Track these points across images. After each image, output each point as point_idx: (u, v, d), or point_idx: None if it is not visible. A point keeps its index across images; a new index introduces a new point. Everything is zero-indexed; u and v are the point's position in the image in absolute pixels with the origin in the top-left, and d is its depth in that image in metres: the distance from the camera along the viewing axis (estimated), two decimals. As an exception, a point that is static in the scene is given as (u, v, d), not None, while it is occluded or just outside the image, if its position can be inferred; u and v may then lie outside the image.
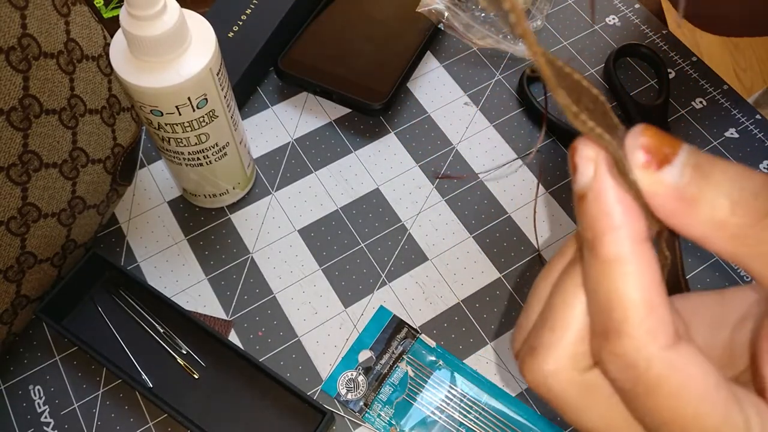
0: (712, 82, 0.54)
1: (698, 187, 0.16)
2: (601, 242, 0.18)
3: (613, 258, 0.17)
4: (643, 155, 0.17)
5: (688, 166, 0.17)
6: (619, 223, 0.17)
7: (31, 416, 0.41)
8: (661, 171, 0.17)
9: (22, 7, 0.33)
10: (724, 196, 0.16)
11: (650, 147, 0.17)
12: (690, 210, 0.17)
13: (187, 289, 0.45)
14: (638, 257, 0.17)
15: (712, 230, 0.17)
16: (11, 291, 0.38)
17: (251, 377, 0.41)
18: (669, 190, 0.17)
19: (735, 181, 0.16)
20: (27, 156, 0.35)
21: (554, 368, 0.19)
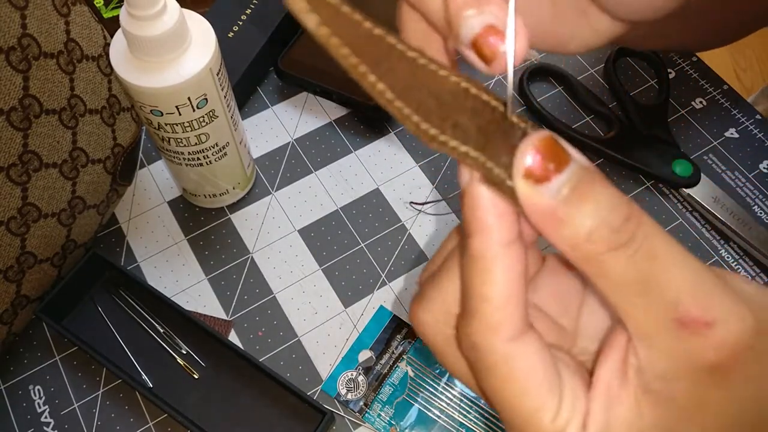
0: (712, 82, 0.54)
1: (567, 210, 0.18)
2: (471, 240, 0.20)
3: (478, 256, 0.19)
4: (525, 166, 0.18)
5: (566, 185, 0.18)
6: (487, 227, 0.19)
7: (31, 416, 0.41)
8: (539, 186, 0.18)
9: (22, 7, 0.33)
10: (588, 221, 0.18)
11: (536, 159, 0.18)
12: (555, 227, 0.18)
13: (187, 289, 0.45)
14: (500, 260, 0.19)
15: (570, 249, 0.18)
16: (11, 291, 0.38)
17: (251, 377, 0.41)
18: (541, 206, 0.18)
19: (602, 210, 0.18)
20: (27, 156, 0.35)
21: (428, 319, 0.22)
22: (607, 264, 0.18)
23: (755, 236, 0.46)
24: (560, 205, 0.18)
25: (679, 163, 0.48)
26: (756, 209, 0.48)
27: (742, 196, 0.48)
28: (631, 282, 0.18)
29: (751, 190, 0.49)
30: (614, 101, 0.53)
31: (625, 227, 0.18)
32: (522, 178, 0.18)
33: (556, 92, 0.53)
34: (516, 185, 0.18)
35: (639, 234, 0.18)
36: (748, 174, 0.49)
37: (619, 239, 0.18)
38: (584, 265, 0.18)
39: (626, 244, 0.18)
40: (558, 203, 0.18)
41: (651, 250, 0.18)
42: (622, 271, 0.18)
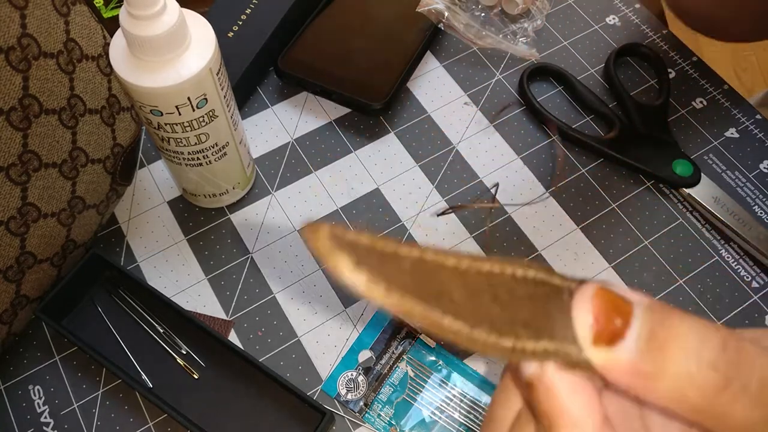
0: (712, 82, 0.54)
1: (654, 362, 0.16)
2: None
3: None
4: (591, 332, 0.16)
5: (642, 338, 0.16)
6: (575, 420, 0.17)
7: (30, 416, 0.41)
8: (614, 348, 0.16)
9: (22, 6, 0.33)
10: (682, 366, 0.16)
11: (599, 320, 0.16)
12: (648, 384, 0.16)
13: (187, 289, 0.45)
14: None
15: (674, 404, 0.16)
16: (11, 291, 0.38)
17: (251, 377, 0.41)
18: (624, 367, 0.16)
19: (691, 349, 0.16)
20: (27, 156, 0.35)
21: None
22: (723, 408, 0.15)
23: (755, 236, 0.46)
24: (643, 362, 0.16)
25: (679, 163, 0.48)
26: (756, 209, 0.48)
27: (743, 196, 0.48)
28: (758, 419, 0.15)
29: (751, 190, 0.49)
30: (614, 101, 0.53)
31: (725, 359, 0.15)
32: (593, 347, 0.16)
33: (556, 92, 0.53)
34: (589, 356, 0.16)
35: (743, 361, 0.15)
36: (749, 174, 0.49)
37: (725, 376, 0.15)
38: (696, 416, 0.16)
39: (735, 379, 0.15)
40: (641, 357, 0.16)
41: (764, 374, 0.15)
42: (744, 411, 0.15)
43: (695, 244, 0.47)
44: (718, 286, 0.45)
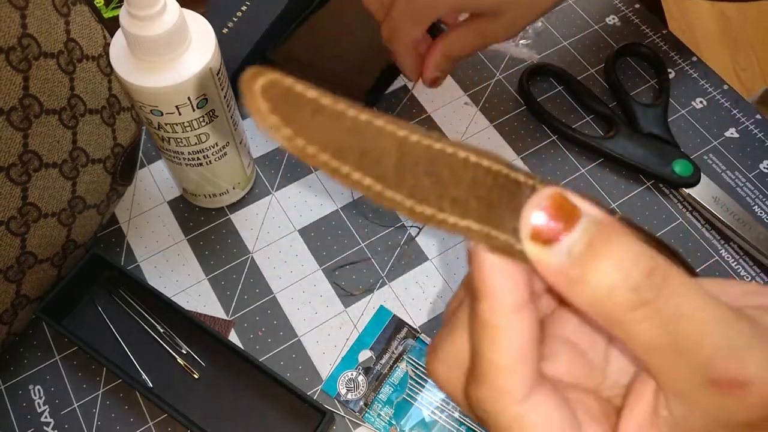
0: (712, 82, 0.54)
1: (581, 269, 0.17)
2: (478, 305, 0.19)
3: (485, 322, 0.19)
4: (531, 228, 0.17)
5: (579, 243, 0.17)
6: (494, 293, 0.18)
7: (31, 416, 0.41)
8: (548, 247, 0.17)
9: (22, 6, 0.33)
10: (606, 279, 0.17)
11: (542, 218, 0.17)
12: (571, 287, 0.17)
13: (187, 288, 0.45)
14: (508, 327, 0.18)
15: (590, 309, 0.17)
16: (11, 291, 0.38)
17: (251, 377, 0.41)
18: (553, 267, 0.17)
19: (621, 266, 0.17)
20: (27, 156, 0.35)
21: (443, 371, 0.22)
22: (631, 325, 0.17)
23: (755, 236, 0.46)
24: (573, 265, 0.17)
25: (679, 162, 0.48)
26: (756, 209, 0.48)
27: (743, 196, 0.48)
28: (659, 344, 0.17)
29: (751, 190, 0.49)
30: (614, 101, 0.53)
31: (648, 283, 0.17)
32: (530, 241, 0.17)
33: (556, 92, 0.53)
34: (525, 249, 0.17)
35: (664, 290, 0.17)
36: (749, 174, 0.49)
37: (641, 297, 0.17)
38: (606, 324, 0.17)
39: (650, 303, 0.17)
40: (570, 263, 0.17)
41: (678, 307, 0.17)
42: (648, 332, 0.17)
43: (695, 244, 0.47)
44: (718, 286, 0.45)
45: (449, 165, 0.17)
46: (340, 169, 0.15)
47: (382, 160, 0.16)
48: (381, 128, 0.16)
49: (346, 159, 0.15)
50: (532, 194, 0.18)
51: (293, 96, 0.15)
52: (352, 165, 0.15)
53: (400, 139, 0.16)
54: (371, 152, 0.16)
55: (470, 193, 0.17)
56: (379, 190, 0.16)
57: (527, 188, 0.18)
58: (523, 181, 0.18)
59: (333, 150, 0.15)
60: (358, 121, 0.16)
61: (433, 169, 0.17)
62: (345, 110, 0.15)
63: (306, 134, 0.15)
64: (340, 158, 0.15)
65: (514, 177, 0.18)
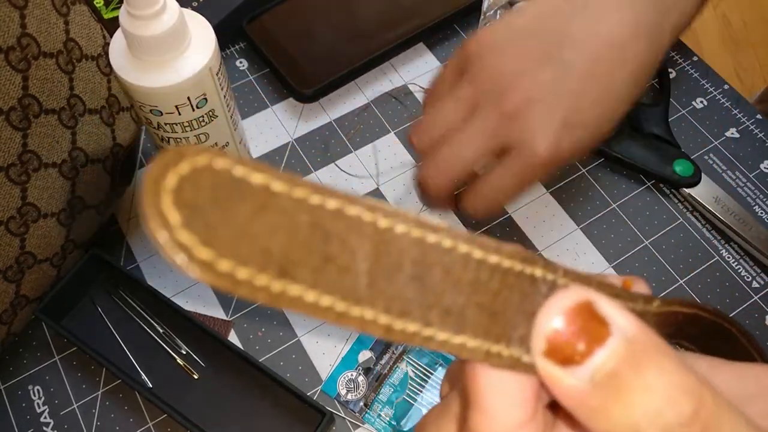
0: (712, 82, 0.54)
1: (604, 402, 0.14)
2: (471, 415, 0.16)
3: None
4: (546, 341, 0.14)
5: (601, 373, 0.14)
6: (491, 412, 0.15)
7: (30, 416, 0.41)
8: (565, 369, 0.14)
9: (22, 6, 0.33)
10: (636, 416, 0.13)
11: (563, 331, 0.14)
12: (589, 417, 0.14)
13: (187, 289, 0.45)
14: None
15: None
16: (10, 291, 0.38)
17: (251, 377, 0.41)
18: (568, 392, 0.14)
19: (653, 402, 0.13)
20: (26, 156, 0.35)
21: None
22: None
23: (756, 236, 0.46)
24: (595, 394, 0.14)
25: (679, 162, 0.48)
26: (757, 209, 0.48)
27: (743, 196, 0.48)
28: None
29: (751, 190, 0.49)
30: (615, 101, 0.53)
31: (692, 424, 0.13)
32: (544, 358, 0.14)
33: (556, 92, 0.53)
34: (536, 364, 0.14)
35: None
36: (749, 174, 0.49)
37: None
38: None
39: None
40: (593, 391, 0.14)
41: None
42: None
43: (696, 244, 0.47)
44: (719, 287, 0.45)
45: (444, 265, 0.13)
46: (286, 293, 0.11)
47: (350, 269, 0.12)
48: (356, 219, 0.12)
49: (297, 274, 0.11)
50: (550, 293, 0.14)
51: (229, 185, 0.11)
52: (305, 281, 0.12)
53: (381, 232, 0.12)
54: (336, 259, 0.12)
55: (469, 300, 0.14)
56: (341, 310, 0.12)
57: (544, 285, 0.15)
58: (541, 276, 0.15)
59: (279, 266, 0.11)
60: (324, 211, 0.12)
61: (421, 272, 0.13)
62: (306, 198, 0.12)
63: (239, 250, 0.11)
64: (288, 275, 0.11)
65: (529, 273, 0.15)
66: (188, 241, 0.10)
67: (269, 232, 0.11)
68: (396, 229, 0.13)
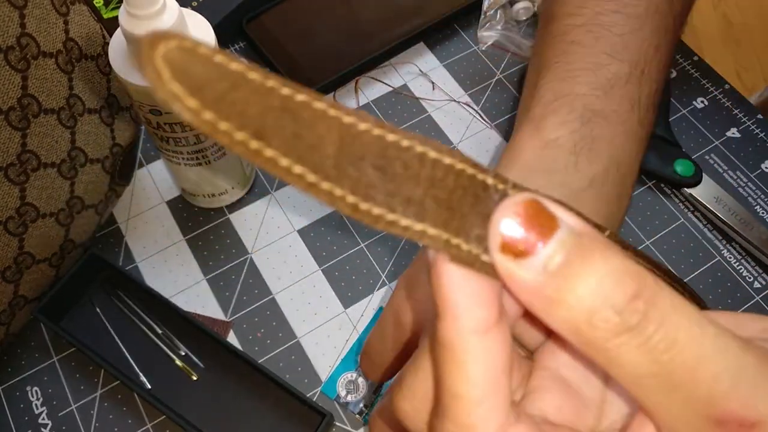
0: (713, 82, 0.54)
1: (558, 288, 0.15)
2: (440, 326, 0.16)
3: (446, 345, 0.16)
4: (502, 238, 0.15)
5: (554, 258, 0.15)
6: (455, 311, 0.16)
7: (28, 417, 0.41)
8: (521, 261, 0.15)
9: (21, 6, 0.33)
10: (585, 301, 0.15)
11: (515, 228, 0.15)
12: (547, 308, 0.15)
13: (186, 289, 0.45)
14: (473, 350, 0.16)
15: (569, 334, 0.15)
16: (9, 291, 0.38)
17: (250, 379, 0.41)
18: (526, 284, 0.15)
19: (602, 286, 0.15)
20: (25, 156, 0.35)
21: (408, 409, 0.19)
22: (616, 353, 0.15)
23: (757, 236, 0.46)
24: (549, 283, 0.15)
25: (680, 162, 0.48)
26: (758, 209, 0.48)
27: (744, 196, 0.48)
28: (649, 375, 0.15)
29: (753, 190, 0.48)
30: (615, 101, 0.52)
31: (633, 306, 0.15)
32: (499, 253, 0.15)
33: (556, 92, 0.53)
34: (494, 261, 0.15)
35: (653, 314, 0.15)
36: (750, 174, 0.49)
37: (626, 322, 0.15)
38: (588, 351, 0.15)
39: (636, 329, 0.15)
40: (546, 280, 0.15)
41: (669, 333, 0.15)
42: (636, 362, 0.15)
43: (697, 245, 0.47)
44: (720, 287, 0.45)
45: (403, 160, 0.14)
46: (262, 152, 0.13)
47: (318, 148, 0.13)
48: (321, 112, 0.13)
49: (271, 141, 0.13)
50: (502, 200, 0.15)
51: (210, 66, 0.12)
52: (279, 149, 0.13)
53: (346, 125, 0.14)
54: (305, 137, 0.13)
55: (427, 193, 0.15)
56: (312, 180, 0.13)
57: (496, 193, 0.16)
58: (492, 183, 0.16)
59: (254, 129, 0.12)
60: (293, 101, 0.13)
61: (382, 164, 0.14)
62: (276, 87, 0.13)
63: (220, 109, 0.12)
64: (263, 139, 0.13)
65: (481, 179, 0.16)
66: (176, 90, 0.12)
67: (244, 102, 0.12)
68: (359, 126, 0.14)
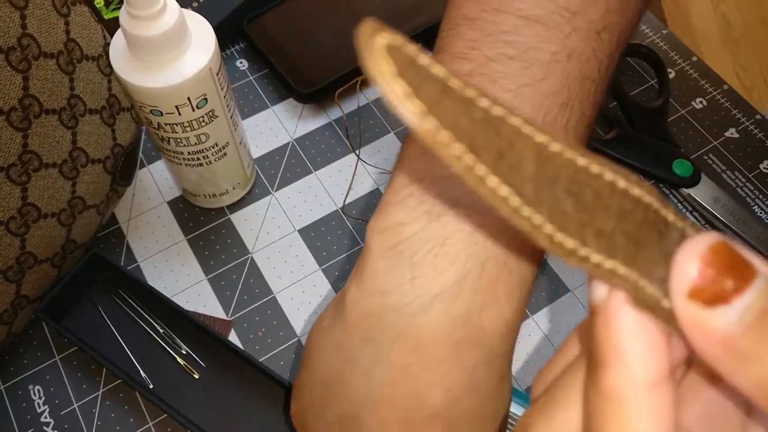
0: (712, 82, 0.54)
1: (755, 343, 0.13)
2: (603, 372, 0.15)
3: (612, 396, 0.15)
4: (690, 283, 0.13)
5: (752, 311, 0.13)
6: (628, 360, 0.14)
7: (31, 416, 0.41)
8: (713, 310, 0.13)
9: (22, 7, 0.33)
10: None
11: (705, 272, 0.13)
12: (735, 363, 0.14)
13: (187, 289, 0.45)
14: (644, 405, 0.14)
15: (757, 391, 0.14)
16: (11, 291, 0.38)
17: (251, 377, 0.41)
18: (715, 335, 0.13)
19: None
20: (27, 156, 0.35)
21: None
22: None
23: (755, 236, 0.46)
24: (743, 337, 0.13)
25: (679, 163, 0.48)
26: (756, 209, 0.48)
27: (743, 196, 0.48)
28: None
29: (751, 190, 0.49)
30: (614, 101, 0.53)
31: None
32: (686, 299, 0.13)
33: (556, 92, 0.53)
34: (676, 307, 0.14)
35: None
36: (749, 174, 0.49)
37: None
38: None
39: None
40: (741, 332, 0.13)
41: None
42: None
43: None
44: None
45: (594, 188, 0.14)
46: (474, 169, 0.12)
47: (520, 168, 0.13)
48: (517, 129, 0.13)
49: (482, 158, 0.12)
50: (681, 240, 0.14)
51: (416, 68, 0.12)
52: (489, 166, 0.12)
53: (539, 146, 0.13)
54: (508, 156, 0.13)
55: (617, 226, 0.14)
56: (516, 205, 0.13)
57: (676, 231, 0.15)
58: (673, 221, 0.15)
59: (468, 143, 0.12)
60: (491, 115, 0.13)
61: (575, 189, 0.13)
62: (476, 98, 0.13)
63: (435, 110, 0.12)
64: (476, 155, 0.12)
65: (664, 214, 0.15)
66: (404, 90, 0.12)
67: (452, 114, 0.12)
68: (551, 147, 0.13)
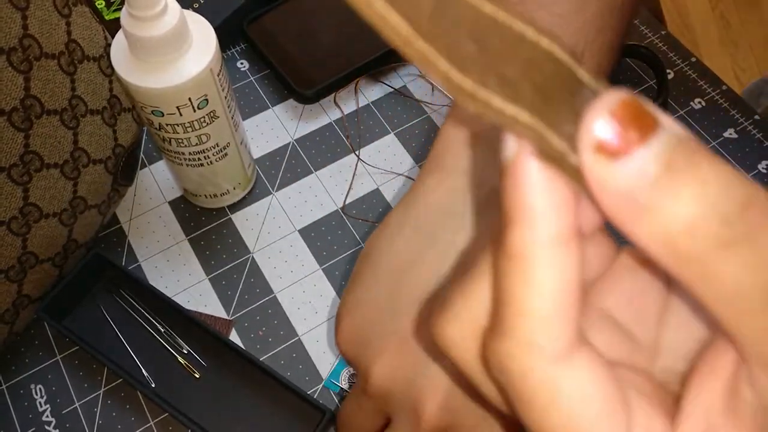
0: (710, 83, 0.54)
1: (656, 195, 0.13)
2: (510, 232, 0.15)
3: (517, 255, 0.15)
4: (596, 136, 0.13)
5: (655, 161, 0.13)
6: (533, 216, 0.14)
7: (32, 415, 0.41)
8: (615, 162, 0.13)
9: (24, 7, 0.34)
10: (689, 209, 0.13)
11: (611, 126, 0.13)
12: (637, 217, 0.13)
13: (188, 288, 0.45)
14: (548, 261, 0.14)
15: (658, 246, 0.14)
16: (13, 291, 0.39)
17: (252, 376, 0.41)
18: (618, 189, 0.13)
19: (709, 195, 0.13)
20: (28, 156, 0.36)
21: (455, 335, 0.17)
22: (715, 267, 0.13)
23: (754, 236, 0.46)
24: (646, 188, 0.13)
25: (678, 163, 0.48)
26: (755, 209, 0.48)
27: (741, 196, 0.49)
28: (750, 292, 0.13)
29: (749, 190, 0.49)
30: (613, 101, 0.53)
31: (743, 218, 0.13)
32: (591, 152, 0.13)
33: (555, 92, 0.54)
34: (583, 161, 0.14)
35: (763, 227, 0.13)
36: (747, 174, 0.50)
37: (733, 235, 0.13)
38: (679, 266, 0.14)
39: (744, 242, 0.13)
40: (643, 185, 0.13)
41: None
42: (737, 277, 0.13)
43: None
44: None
45: (502, 35, 0.13)
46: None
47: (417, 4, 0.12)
48: None
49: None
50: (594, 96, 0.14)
51: None
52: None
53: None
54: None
55: (524, 75, 0.13)
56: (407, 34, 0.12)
57: (589, 91, 0.14)
58: (587, 81, 0.14)
59: None
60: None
61: (481, 35, 0.13)
62: None
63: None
64: None
65: (577, 73, 0.14)
66: None
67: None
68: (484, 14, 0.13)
